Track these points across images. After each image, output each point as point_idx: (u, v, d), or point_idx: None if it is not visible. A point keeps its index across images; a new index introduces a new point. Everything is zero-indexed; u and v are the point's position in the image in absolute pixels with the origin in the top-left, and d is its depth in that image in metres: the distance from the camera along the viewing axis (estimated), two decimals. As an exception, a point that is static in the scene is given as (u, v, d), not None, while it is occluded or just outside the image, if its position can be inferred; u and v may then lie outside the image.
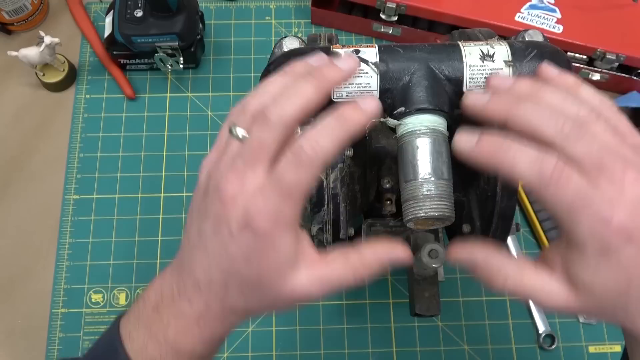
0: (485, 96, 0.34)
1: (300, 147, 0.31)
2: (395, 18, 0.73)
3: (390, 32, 0.76)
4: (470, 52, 0.37)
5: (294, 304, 0.34)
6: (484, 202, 0.43)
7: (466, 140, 0.32)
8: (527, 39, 0.39)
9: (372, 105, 0.33)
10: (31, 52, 0.69)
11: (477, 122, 0.34)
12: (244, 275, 0.32)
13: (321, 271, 0.33)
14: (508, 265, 0.33)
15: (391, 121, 0.37)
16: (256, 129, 0.31)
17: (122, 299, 0.66)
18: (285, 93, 0.32)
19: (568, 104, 0.31)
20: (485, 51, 0.37)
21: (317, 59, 0.35)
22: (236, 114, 0.33)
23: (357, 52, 0.37)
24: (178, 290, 0.34)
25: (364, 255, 0.34)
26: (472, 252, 0.35)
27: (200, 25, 0.73)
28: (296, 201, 0.31)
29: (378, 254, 0.34)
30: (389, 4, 0.71)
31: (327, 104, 0.37)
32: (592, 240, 0.30)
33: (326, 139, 0.31)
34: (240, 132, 0.32)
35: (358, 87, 0.37)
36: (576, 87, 0.33)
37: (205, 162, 0.34)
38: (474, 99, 0.34)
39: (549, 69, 0.35)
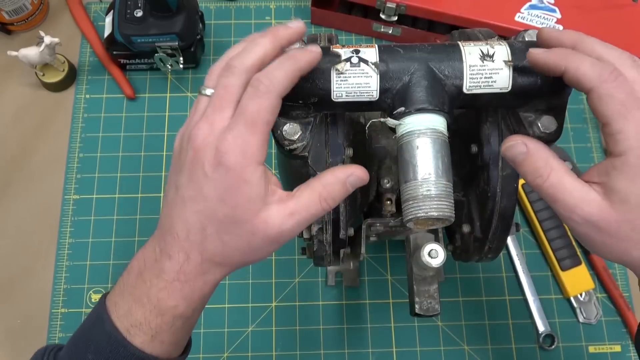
0: (557, 31, 0.36)
1: (257, 79, 0.34)
2: (395, 18, 0.73)
3: (390, 32, 0.76)
4: (470, 52, 0.37)
5: (270, 244, 0.35)
6: (484, 202, 0.43)
7: (539, 50, 0.35)
8: (527, 39, 0.39)
9: (314, 48, 0.36)
10: (31, 52, 0.69)
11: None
12: (220, 214, 0.34)
13: (290, 205, 0.35)
14: (556, 161, 0.34)
15: (391, 121, 0.37)
16: (221, 78, 0.35)
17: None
18: (245, 48, 0.35)
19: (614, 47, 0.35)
20: (485, 51, 0.37)
21: (270, 26, 0.38)
22: (206, 78, 0.36)
23: (357, 52, 0.37)
24: (160, 249, 0.35)
25: (325, 179, 0.36)
26: (526, 140, 0.35)
27: (200, 25, 0.73)
28: (261, 130, 0.33)
29: (337, 175, 0.36)
30: (388, 4, 0.71)
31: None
32: (636, 145, 0.31)
33: (279, 71, 0.34)
34: (208, 90, 0.35)
35: (358, 87, 0.37)
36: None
37: (179, 130, 0.37)
38: (550, 33, 0.36)
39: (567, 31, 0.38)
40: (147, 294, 0.35)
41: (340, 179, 0.36)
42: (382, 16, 0.73)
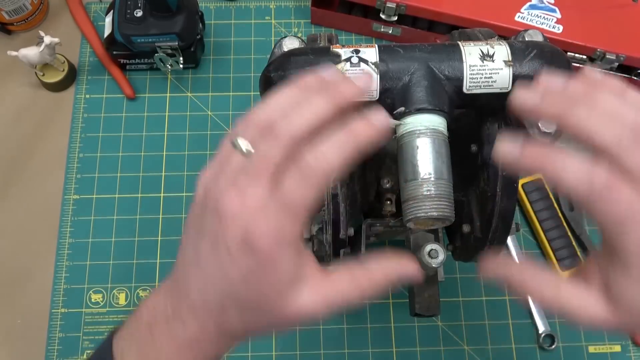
0: (536, 96, 0.31)
1: (307, 163, 0.29)
2: (395, 18, 0.73)
3: (390, 32, 0.76)
4: (470, 52, 0.37)
5: (296, 325, 0.32)
6: (484, 202, 0.43)
7: (509, 150, 0.31)
8: (527, 39, 0.39)
9: (383, 121, 0.31)
10: (31, 52, 0.69)
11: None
12: (243, 297, 0.30)
13: (326, 290, 0.31)
14: (543, 280, 0.33)
15: (391, 121, 0.37)
16: (263, 144, 0.29)
17: (121, 299, 0.66)
18: (297, 107, 0.30)
19: (624, 110, 0.30)
20: (485, 51, 0.37)
21: (330, 73, 0.32)
22: (241, 127, 0.31)
23: (357, 52, 0.37)
24: (172, 310, 0.32)
25: (371, 272, 0.32)
26: (507, 268, 0.34)
27: (200, 25, 0.73)
28: (300, 219, 0.29)
29: (386, 270, 0.33)
30: (389, 4, 0.71)
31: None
32: (638, 256, 0.29)
33: (334, 154, 0.29)
34: (244, 145, 0.30)
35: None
36: (624, 91, 0.32)
37: (204, 176, 0.32)
38: (524, 98, 0.32)
39: (592, 71, 0.33)
40: (157, 355, 0.32)
41: (387, 277, 0.33)
42: (382, 16, 0.73)
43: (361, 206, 0.49)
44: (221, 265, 0.30)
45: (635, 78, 0.71)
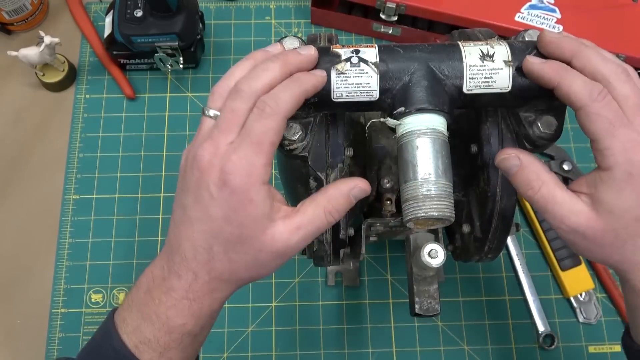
0: (559, 35, 0.37)
1: (263, 102, 0.34)
2: (395, 18, 0.73)
3: (390, 32, 0.76)
4: (470, 52, 0.37)
5: (277, 259, 0.36)
6: (484, 202, 0.43)
7: (536, 60, 0.36)
8: (527, 39, 0.39)
9: (319, 73, 0.36)
10: (31, 52, 0.69)
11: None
12: (226, 233, 0.34)
13: (297, 219, 0.35)
14: (547, 174, 0.36)
15: (391, 121, 0.37)
16: (229, 101, 0.35)
17: (121, 299, 0.66)
18: (254, 71, 0.35)
19: (610, 55, 0.36)
20: (485, 51, 0.37)
21: (274, 48, 0.38)
22: (210, 98, 0.37)
23: (357, 52, 0.37)
24: (168, 268, 0.36)
25: (329, 193, 0.37)
26: (519, 153, 0.37)
27: (200, 25, 0.73)
28: (266, 151, 0.34)
29: (341, 188, 0.37)
30: (388, 4, 0.71)
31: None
32: (622, 161, 0.33)
33: (285, 93, 0.34)
34: (212, 112, 0.36)
35: (358, 87, 0.37)
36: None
37: (185, 149, 0.37)
38: (551, 37, 0.37)
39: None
40: (156, 311, 0.36)
41: (343, 192, 0.37)
42: (382, 16, 0.73)
43: (361, 206, 0.49)
44: (205, 209, 0.34)
45: (635, 78, 0.71)
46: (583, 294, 0.66)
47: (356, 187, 0.37)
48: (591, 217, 0.35)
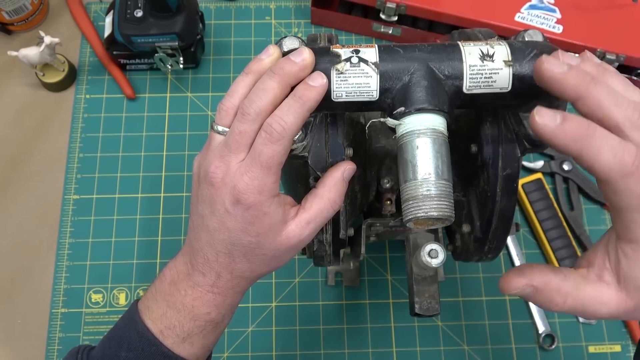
0: (564, 66, 0.32)
1: (270, 126, 0.36)
2: (395, 18, 0.73)
3: (390, 32, 0.76)
4: (470, 52, 0.37)
5: (292, 251, 0.39)
6: (484, 202, 0.43)
7: (550, 117, 0.30)
8: (527, 39, 0.39)
9: (319, 81, 0.36)
10: (31, 52, 0.69)
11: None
12: (245, 242, 0.37)
13: (304, 216, 0.39)
14: (565, 283, 0.34)
15: (391, 121, 0.37)
16: (236, 123, 0.37)
17: (122, 299, 0.66)
18: (254, 91, 0.37)
19: (630, 91, 0.32)
20: (485, 51, 0.37)
21: (266, 54, 0.39)
22: (217, 116, 0.39)
23: (357, 52, 0.37)
24: (192, 266, 0.39)
25: (327, 183, 0.39)
26: (532, 279, 0.35)
27: (200, 25, 0.73)
28: (275, 172, 0.36)
29: (334, 175, 0.40)
30: (389, 4, 0.71)
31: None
32: None
33: (290, 116, 0.36)
34: (221, 128, 0.38)
35: (358, 87, 0.37)
36: (619, 74, 0.33)
37: (196, 157, 0.40)
38: (553, 65, 0.32)
39: (592, 55, 0.34)
40: (182, 301, 0.39)
41: (338, 178, 0.40)
42: (382, 16, 0.73)
43: (361, 206, 0.49)
44: (222, 222, 0.37)
45: (635, 78, 0.71)
46: (583, 294, 0.66)
47: (345, 169, 0.40)
48: (621, 298, 0.33)
